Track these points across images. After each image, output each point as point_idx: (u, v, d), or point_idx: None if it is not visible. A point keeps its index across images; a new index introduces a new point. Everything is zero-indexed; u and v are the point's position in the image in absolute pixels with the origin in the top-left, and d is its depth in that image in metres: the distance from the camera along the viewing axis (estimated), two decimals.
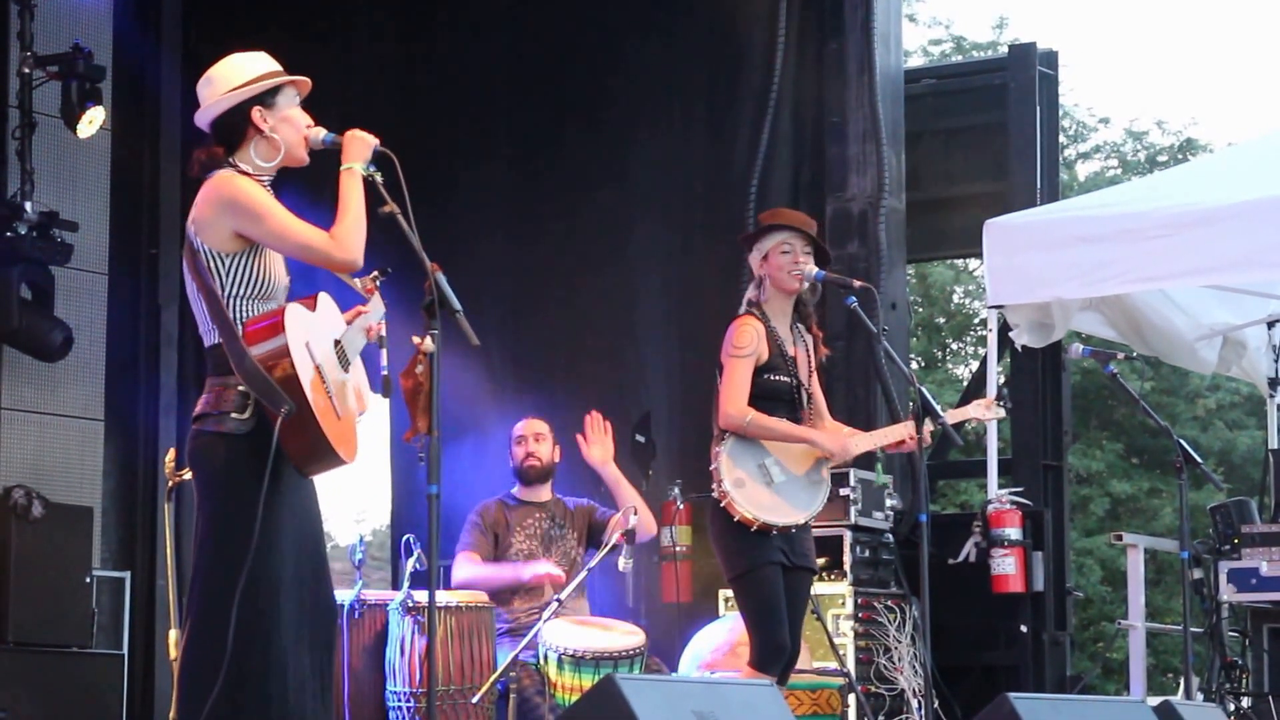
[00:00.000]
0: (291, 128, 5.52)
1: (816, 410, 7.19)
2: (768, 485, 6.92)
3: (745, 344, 6.98)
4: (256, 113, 5.49)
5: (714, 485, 6.93)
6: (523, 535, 8.43)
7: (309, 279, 5.62)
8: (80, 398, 9.88)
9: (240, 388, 5.29)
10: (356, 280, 5.59)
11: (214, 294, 5.35)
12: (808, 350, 7.18)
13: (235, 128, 5.52)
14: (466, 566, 8.34)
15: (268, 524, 5.25)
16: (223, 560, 5.30)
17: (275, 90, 5.53)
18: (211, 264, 5.37)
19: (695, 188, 10.84)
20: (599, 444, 8.53)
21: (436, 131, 10.98)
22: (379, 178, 5.39)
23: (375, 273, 5.52)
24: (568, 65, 11.04)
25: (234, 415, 5.31)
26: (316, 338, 5.39)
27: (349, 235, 5.32)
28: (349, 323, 5.58)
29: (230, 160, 5.50)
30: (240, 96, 5.50)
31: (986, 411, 7.34)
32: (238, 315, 5.35)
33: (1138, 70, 39.93)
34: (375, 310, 5.60)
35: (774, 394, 7.01)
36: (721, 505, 6.89)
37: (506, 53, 11.22)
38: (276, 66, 5.57)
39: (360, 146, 5.42)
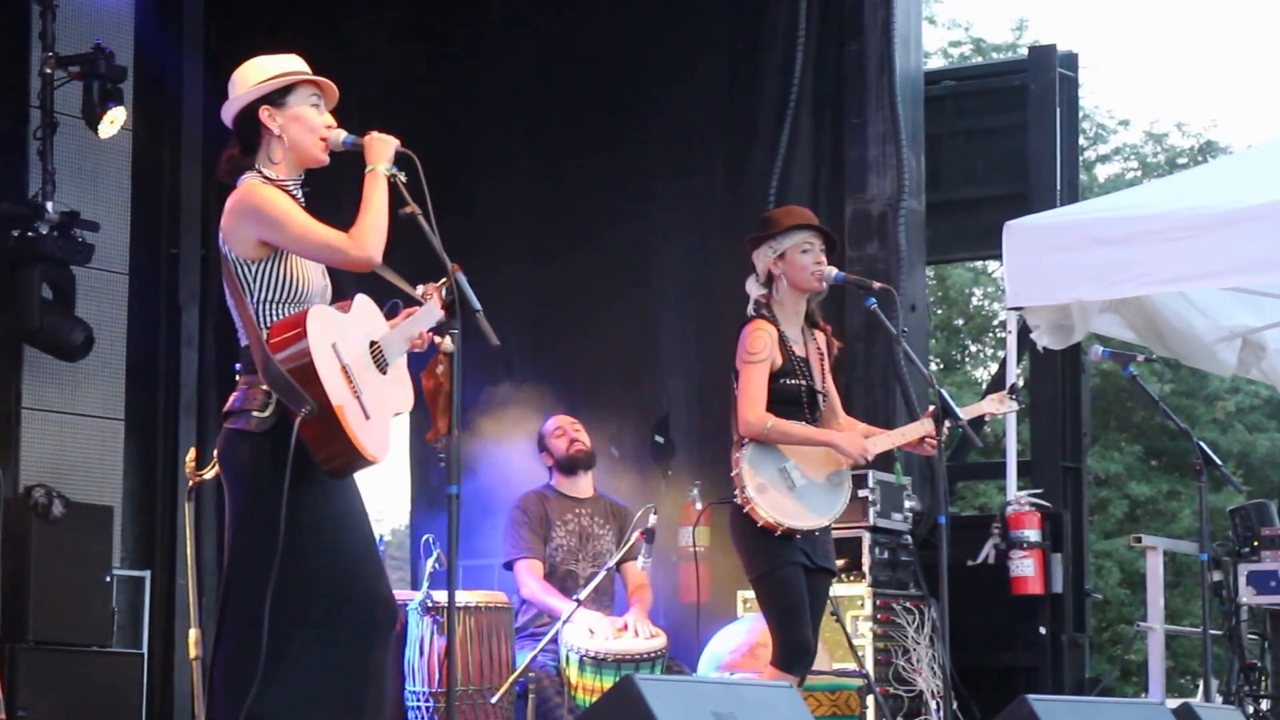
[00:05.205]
0: (302, 127, 5.49)
1: (830, 409, 7.17)
2: (789, 490, 6.92)
3: (759, 349, 6.95)
4: (264, 112, 5.48)
5: (736, 491, 6.91)
6: (563, 531, 8.44)
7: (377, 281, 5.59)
8: (101, 397, 9.90)
9: (265, 386, 5.32)
10: (419, 288, 5.55)
11: (243, 300, 5.38)
12: (819, 350, 7.17)
13: (248, 128, 5.53)
14: (532, 581, 8.32)
15: (295, 519, 5.25)
16: (248, 557, 5.33)
17: (288, 90, 5.51)
18: (240, 271, 5.39)
19: (715, 190, 10.84)
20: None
21: (458, 143, 10.98)
22: (402, 177, 5.39)
23: (444, 279, 5.36)
24: (589, 69, 11.04)
25: (255, 413, 5.33)
26: (347, 339, 5.39)
27: (367, 235, 5.34)
28: (394, 326, 5.58)
29: (251, 162, 5.51)
30: (250, 96, 5.50)
31: (1000, 405, 7.30)
32: (264, 320, 5.37)
33: (1157, 72, 39.95)
34: (426, 317, 5.52)
35: (789, 398, 6.99)
36: (744, 511, 6.89)
37: (528, 58, 11.22)
38: (299, 66, 5.56)
39: (382, 147, 5.43)
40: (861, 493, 9.26)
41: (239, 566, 5.37)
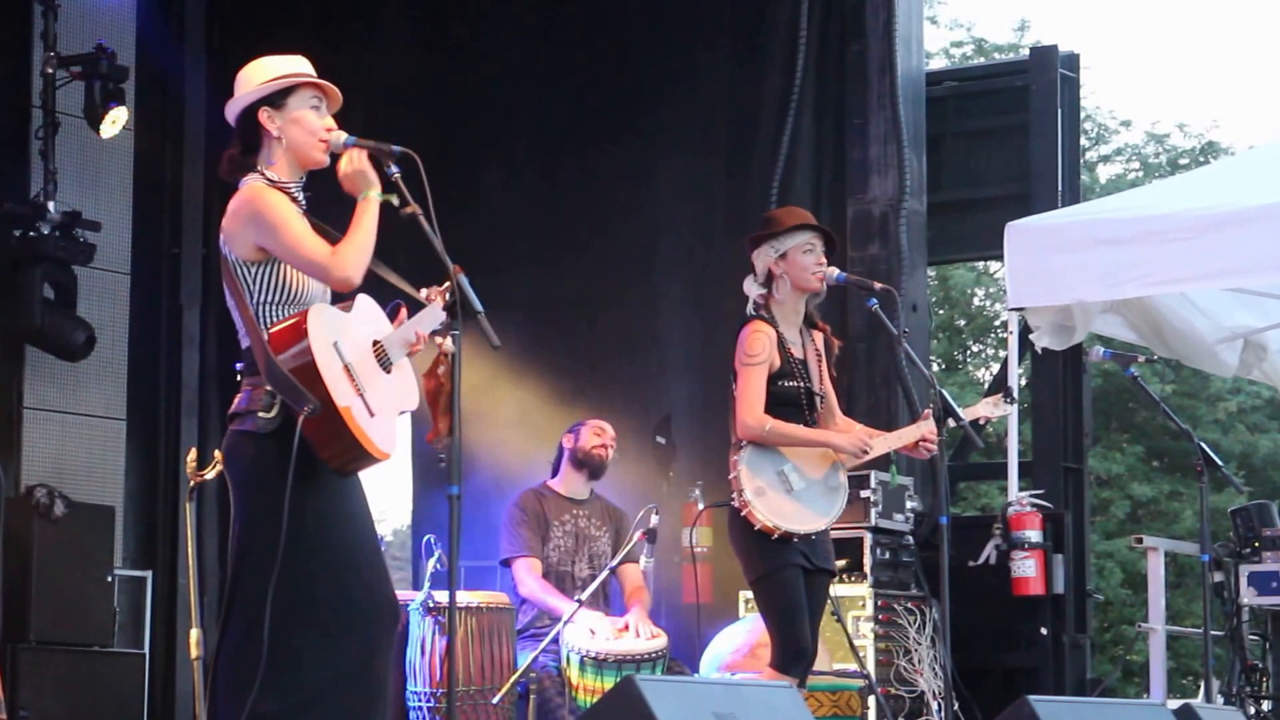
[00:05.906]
0: (301, 130, 5.48)
1: (828, 409, 7.16)
2: (787, 493, 6.91)
3: (758, 351, 6.94)
4: (264, 113, 5.48)
5: (734, 494, 6.91)
6: (560, 531, 8.44)
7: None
8: (102, 397, 9.91)
9: (268, 387, 5.32)
10: (423, 290, 5.54)
11: (243, 301, 5.38)
12: (818, 350, 7.16)
13: (249, 128, 5.53)
14: (530, 579, 8.32)
15: (299, 520, 5.25)
16: (253, 558, 5.34)
17: (288, 92, 5.50)
18: (240, 272, 5.40)
19: (716, 190, 10.83)
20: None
21: (459, 144, 10.97)
22: (394, 201, 5.37)
23: (447, 283, 5.34)
24: (591, 70, 11.03)
25: (261, 414, 5.34)
26: (349, 338, 5.40)
27: (349, 256, 5.33)
28: (397, 326, 5.57)
29: (252, 162, 5.51)
30: (250, 97, 5.50)
31: (995, 409, 7.30)
32: (264, 321, 5.37)
33: (1159, 73, 39.94)
34: (427, 319, 5.50)
35: (787, 400, 6.98)
36: (742, 514, 6.88)
37: (530, 58, 11.21)
38: (303, 68, 5.55)
39: (362, 179, 5.38)
40: (863, 493, 9.26)
41: (244, 567, 5.38)
